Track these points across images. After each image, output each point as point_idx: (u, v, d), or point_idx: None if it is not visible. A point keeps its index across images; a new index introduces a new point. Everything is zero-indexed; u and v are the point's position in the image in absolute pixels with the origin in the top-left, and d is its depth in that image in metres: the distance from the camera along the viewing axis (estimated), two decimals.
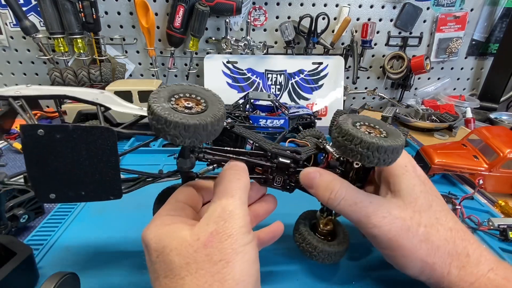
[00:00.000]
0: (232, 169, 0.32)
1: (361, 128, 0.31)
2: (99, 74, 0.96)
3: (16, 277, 0.35)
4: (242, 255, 0.26)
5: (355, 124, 0.32)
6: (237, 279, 0.25)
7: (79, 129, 0.26)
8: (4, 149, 0.76)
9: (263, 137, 0.38)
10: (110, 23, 1.00)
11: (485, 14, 1.06)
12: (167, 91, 0.30)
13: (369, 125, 0.33)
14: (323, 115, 1.02)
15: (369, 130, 0.31)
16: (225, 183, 0.31)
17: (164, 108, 0.27)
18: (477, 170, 0.61)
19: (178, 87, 0.31)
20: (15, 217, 0.47)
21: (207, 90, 0.32)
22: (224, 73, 1.02)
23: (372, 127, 0.33)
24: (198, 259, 0.26)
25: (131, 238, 0.46)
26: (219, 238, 0.27)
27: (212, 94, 0.31)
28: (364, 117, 0.34)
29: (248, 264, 0.27)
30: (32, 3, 0.94)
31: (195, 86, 0.32)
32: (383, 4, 1.02)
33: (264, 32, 1.05)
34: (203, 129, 0.27)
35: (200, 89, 0.31)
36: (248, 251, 0.27)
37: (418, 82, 1.14)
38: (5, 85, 1.05)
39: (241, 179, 0.31)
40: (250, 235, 0.28)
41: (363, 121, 0.33)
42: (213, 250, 0.26)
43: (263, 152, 0.36)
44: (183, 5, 0.92)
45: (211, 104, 0.29)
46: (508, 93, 1.11)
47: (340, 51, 1.07)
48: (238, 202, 0.29)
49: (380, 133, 0.31)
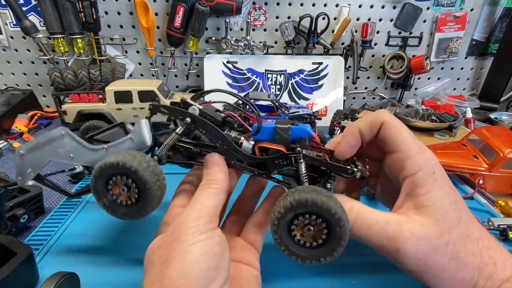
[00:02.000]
0: (208, 173, 0.33)
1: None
2: (99, 74, 0.96)
3: (16, 277, 0.35)
4: (183, 255, 0.26)
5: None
6: (173, 278, 0.25)
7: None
8: (4, 149, 0.76)
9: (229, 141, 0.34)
10: (110, 23, 1.00)
11: (485, 14, 1.06)
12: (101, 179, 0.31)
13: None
14: (323, 115, 1.02)
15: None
16: (198, 191, 0.32)
17: (107, 205, 0.32)
18: (477, 170, 0.61)
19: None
20: (15, 217, 0.47)
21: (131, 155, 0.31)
22: (224, 73, 1.02)
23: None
24: (153, 259, 0.28)
25: (131, 238, 0.46)
26: (170, 240, 0.28)
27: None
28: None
29: (187, 264, 0.26)
30: (32, 3, 0.94)
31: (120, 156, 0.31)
32: (383, 4, 1.02)
33: (264, 32, 1.05)
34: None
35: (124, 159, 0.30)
36: (190, 251, 0.26)
37: (418, 82, 1.14)
38: (5, 85, 1.05)
39: (213, 182, 0.32)
40: (202, 235, 0.27)
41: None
42: (163, 251, 0.28)
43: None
44: (183, 5, 0.92)
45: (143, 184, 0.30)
46: (508, 93, 1.11)
47: (340, 51, 1.07)
48: (197, 207, 0.29)
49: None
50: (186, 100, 0.34)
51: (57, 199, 0.58)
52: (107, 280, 0.39)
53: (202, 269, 0.26)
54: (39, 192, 0.51)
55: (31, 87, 1.06)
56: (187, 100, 0.34)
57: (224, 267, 0.28)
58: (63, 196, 0.57)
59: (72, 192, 0.44)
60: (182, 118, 0.34)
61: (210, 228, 0.28)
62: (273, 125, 0.33)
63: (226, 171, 0.33)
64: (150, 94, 0.78)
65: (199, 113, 0.34)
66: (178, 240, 0.27)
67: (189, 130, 0.35)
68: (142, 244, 0.45)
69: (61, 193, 0.43)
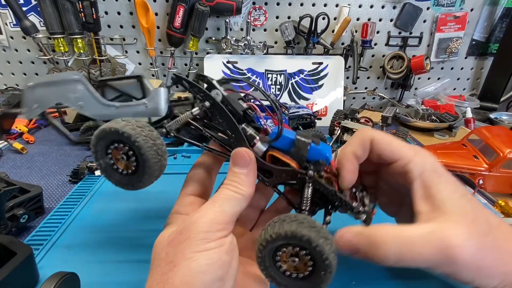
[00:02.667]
0: (234, 174, 0.30)
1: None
2: (99, 74, 0.96)
3: (16, 277, 0.35)
4: (189, 262, 0.25)
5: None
6: (176, 286, 0.24)
7: None
8: (4, 149, 0.76)
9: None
10: (110, 23, 1.00)
11: (485, 14, 1.06)
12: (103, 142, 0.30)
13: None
14: (323, 115, 1.02)
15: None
16: (220, 190, 0.29)
17: (103, 166, 0.31)
18: (477, 170, 0.61)
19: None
20: (15, 217, 0.47)
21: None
22: (224, 73, 1.02)
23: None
24: (161, 255, 0.27)
25: (131, 238, 0.46)
26: (179, 239, 0.26)
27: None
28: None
29: (192, 273, 0.24)
30: (32, 3, 0.94)
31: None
32: (383, 4, 1.02)
33: (264, 32, 1.05)
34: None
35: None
36: (197, 259, 0.25)
37: (418, 82, 1.14)
38: (5, 85, 1.05)
39: (239, 185, 0.29)
40: (211, 243, 0.26)
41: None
42: (171, 250, 0.26)
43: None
44: (183, 5, 0.92)
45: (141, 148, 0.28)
46: (508, 93, 1.11)
47: (340, 51, 1.07)
48: (214, 209, 0.28)
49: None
50: (211, 81, 0.32)
51: (57, 199, 0.58)
52: (107, 280, 0.39)
53: (207, 280, 0.25)
54: (39, 192, 0.51)
55: None
56: (212, 81, 0.32)
57: (230, 277, 0.27)
58: (63, 196, 0.57)
59: (75, 139, 0.42)
60: (202, 99, 0.32)
61: (222, 236, 0.27)
62: (293, 136, 0.31)
63: (255, 174, 0.31)
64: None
65: (221, 99, 0.32)
66: (187, 242, 0.26)
67: (206, 114, 0.33)
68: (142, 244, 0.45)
69: (63, 136, 0.40)
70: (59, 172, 0.67)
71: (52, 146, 0.80)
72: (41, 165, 0.70)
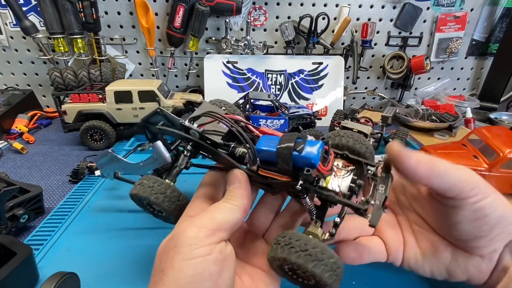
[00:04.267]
0: (228, 190, 0.31)
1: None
2: (99, 74, 0.96)
3: (16, 277, 0.35)
4: (176, 271, 0.25)
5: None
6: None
7: None
8: (4, 149, 0.76)
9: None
10: (110, 23, 1.00)
11: (485, 14, 1.06)
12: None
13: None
14: (323, 115, 1.02)
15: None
16: (214, 204, 0.30)
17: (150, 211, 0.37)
18: (477, 170, 0.61)
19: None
20: (15, 217, 0.47)
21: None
22: (224, 73, 1.02)
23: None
24: (156, 263, 0.27)
25: (131, 238, 0.46)
26: (169, 246, 0.27)
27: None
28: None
29: (177, 283, 0.24)
30: (32, 3, 0.94)
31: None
32: (383, 4, 1.02)
33: (264, 32, 1.05)
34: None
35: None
36: (183, 269, 0.24)
37: (418, 82, 1.14)
38: (5, 85, 1.05)
39: (232, 197, 0.30)
40: (199, 249, 0.25)
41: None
42: (164, 258, 0.26)
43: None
44: (183, 5, 0.92)
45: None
46: (508, 93, 1.11)
47: (340, 51, 1.07)
48: (205, 216, 0.28)
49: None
50: (185, 124, 0.35)
51: (57, 199, 0.58)
52: (107, 280, 0.39)
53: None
54: (39, 192, 0.51)
55: (31, 87, 1.06)
56: (185, 124, 0.35)
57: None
58: (63, 196, 0.57)
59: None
60: (184, 144, 0.36)
61: (211, 242, 0.26)
62: (274, 149, 0.29)
63: (247, 187, 0.31)
64: (150, 94, 0.78)
65: (199, 137, 0.34)
66: (175, 249, 0.26)
67: (197, 151, 0.37)
68: (142, 244, 0.45)
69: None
70: (59, 172, 0.67)
71: (52, 146, 0.80)
72: (41, 165, 0.70)
